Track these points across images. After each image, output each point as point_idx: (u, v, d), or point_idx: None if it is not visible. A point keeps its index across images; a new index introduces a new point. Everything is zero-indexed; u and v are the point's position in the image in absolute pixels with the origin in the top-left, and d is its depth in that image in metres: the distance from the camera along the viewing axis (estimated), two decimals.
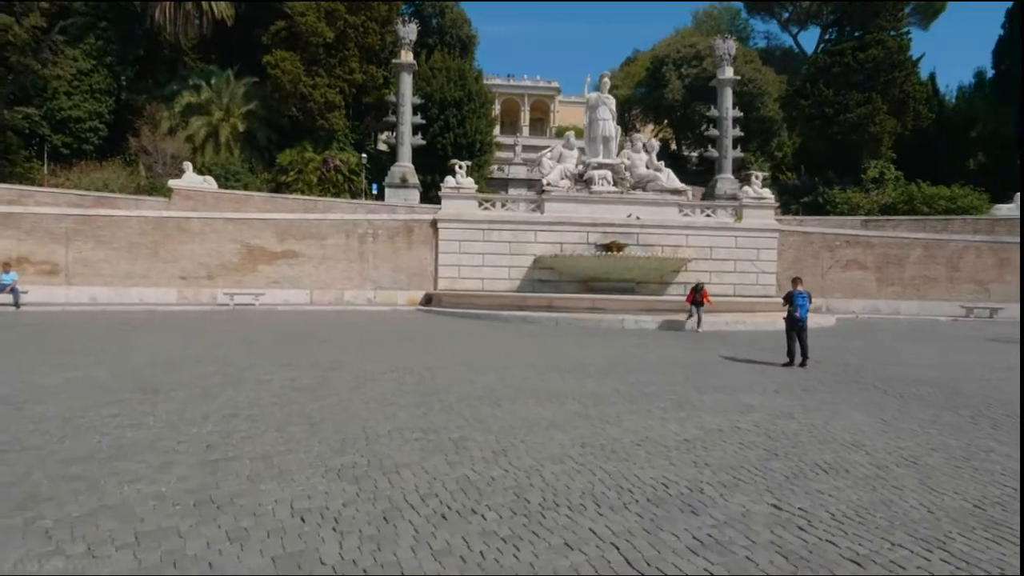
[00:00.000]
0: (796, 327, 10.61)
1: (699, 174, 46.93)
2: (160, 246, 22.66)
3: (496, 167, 46.43)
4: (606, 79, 28.69)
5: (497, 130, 59.65)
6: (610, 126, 27.91)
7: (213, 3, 36.56)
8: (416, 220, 25.90)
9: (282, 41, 35.45)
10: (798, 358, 10.60)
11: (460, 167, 26.89)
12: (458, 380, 8.60)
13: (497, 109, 68.21)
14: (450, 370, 9.46)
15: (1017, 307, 24.32)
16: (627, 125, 51.39)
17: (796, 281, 11.05)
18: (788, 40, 58.89)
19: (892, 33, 38.85)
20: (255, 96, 37.04)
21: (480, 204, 26.59)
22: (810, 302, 10.77)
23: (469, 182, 26.75)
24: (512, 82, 77.45)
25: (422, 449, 5.27)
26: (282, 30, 35.40)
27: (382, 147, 45.80)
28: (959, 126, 40.16)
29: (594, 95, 28.14)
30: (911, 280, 26.14)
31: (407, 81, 36.30)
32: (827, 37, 48.49)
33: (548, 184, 26.79)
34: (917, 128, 38.76)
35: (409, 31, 37.11)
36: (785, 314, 10.83)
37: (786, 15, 55.58)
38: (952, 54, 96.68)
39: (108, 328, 14.92)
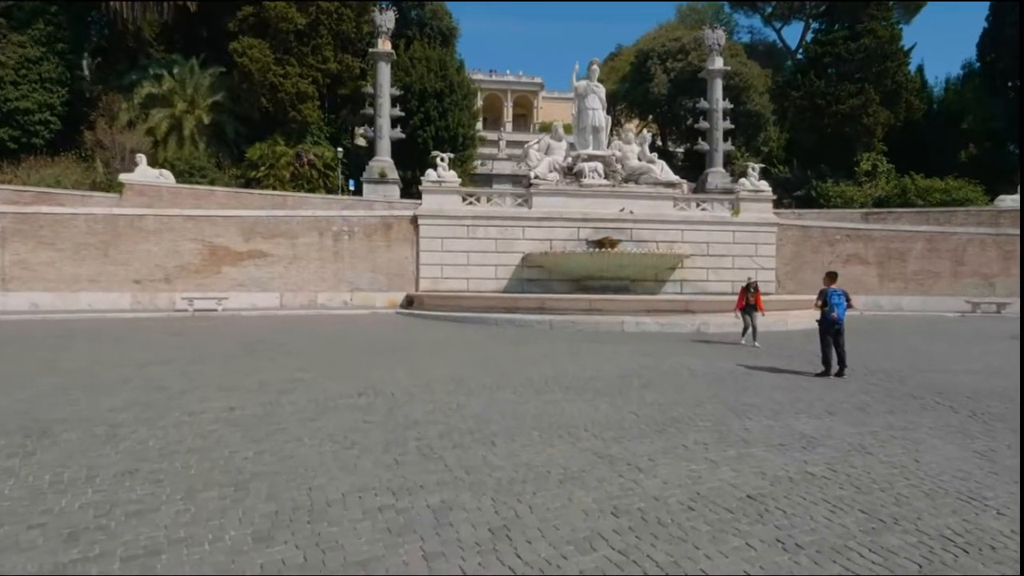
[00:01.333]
0: (832, 331, 9.19)
1: (686, 170, 45.66)
2: (111, 246, 20.63)
3: (480, 162, 44.77)
4: (595, 66, 27.18)
5: (480, 125, 57.93)
6: (600, 116, 26.46)
7: None
8: (395, 216, 24.17)
9: (250, 28, 33.40)
10: (834, 366, 9.20)
11: (442, 159, 25.22)
12: (441, 406, 6.99)
13: (479, 104, 66.51)
14: (431, 391, 7.85)
15: None
16: (612, 121, 50.01)
17: (831, 277, 9.62)
18: (772, 35, 58.10)
19: (883, 23, 37.96)
20: (222, 87, 34.92)
21: (464, 199, 24.95)
22: (848, 302, 9.34)
23: (452, 175, 25.11)
24: (494, 77, 75.64)
25: (388, 529, 3.66)
26: (250, 16, 33.35)
27: (360, 142, 43.80)
28: (949, 118, 39.48)
29: (583, 83, 26.63)
30: (913, 275, 25.10)
31: (385, 71, 34.43)
32: (814, 27, 47.64)
33: (536, 177, 25.24)
34: (909, 120, 37.96)
35: (387, 19, 35.23)
36: (819, 316, 9.41)
37: (769, 10, 54.80)
38: (934, 49, 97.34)
39: (38, 341, 13.02)
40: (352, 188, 36.22)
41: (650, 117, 58.16)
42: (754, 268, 25.32)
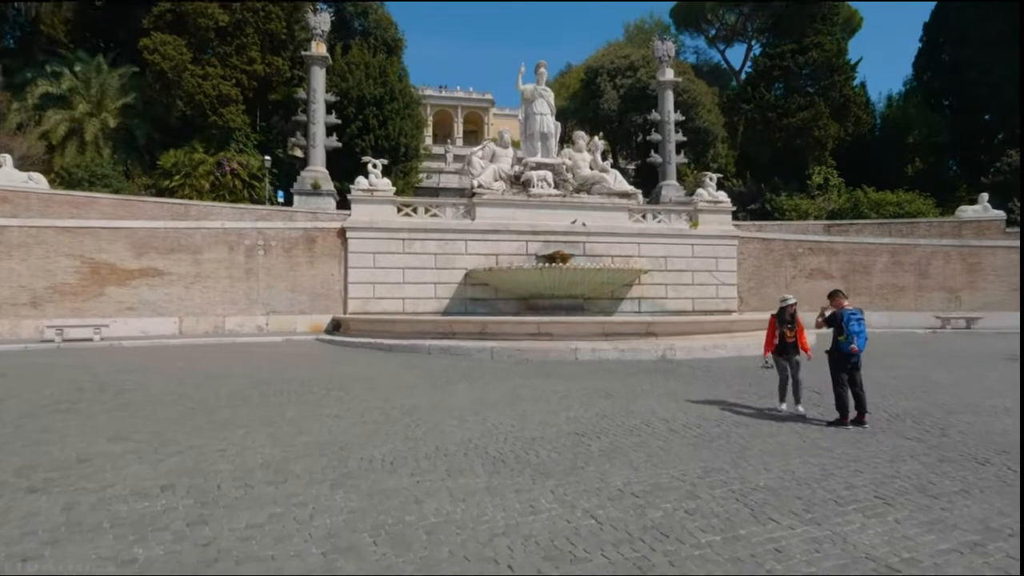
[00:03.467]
0: (847, 366, 7.00)
1: (638, 186, 44.14)
2: None
3: (425, 176, 42.23)
4: (542, 69, 25.19)
5: (429, 141, 55.46)
6: (549, 121, 24.43)
7: None
8: (320, 229, 21.25)
9: (167, 25, 30.08)
10: (851, 411, 7.01)
11: (374, 166, 22.53)
12: (283, 512, 4.31)
13: (430, 120, 64.39)
14: (284, 475, 5.15)
15: (994, 316, 22.53)
16: (562, 135, 48.51)
17: (837, 296, 7.32)
18: (716, 56, 58.39)
19: (829, 37, 37.89)
20: (134, 88, 31.33)
21: (399, 209, 22.30)
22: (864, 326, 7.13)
23: (385, 183, 22.44)
24: (444, 93, 74.02)
25: None
26: (167, 12, 30.05)
27: (297, 152, 40.54)
28: (894, 133, 39.74)
29: (530, 87, 24.58)
30: (879, 289, 23.92)
31: (319, 75, 31.55)
32: (757, 47, 47.77)
33: (480, 186, 22.85)
34: (857, 134, 37.88)
35: (321, 20, 32.42)
36: (829, 346, 7.21)
37: (713, 32, 55.04)
38: (871, 66, 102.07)
39: None
40: (281, 200, 32.98)
41: (600, 133, 57.06)
42: (715, 284, 23.64)
